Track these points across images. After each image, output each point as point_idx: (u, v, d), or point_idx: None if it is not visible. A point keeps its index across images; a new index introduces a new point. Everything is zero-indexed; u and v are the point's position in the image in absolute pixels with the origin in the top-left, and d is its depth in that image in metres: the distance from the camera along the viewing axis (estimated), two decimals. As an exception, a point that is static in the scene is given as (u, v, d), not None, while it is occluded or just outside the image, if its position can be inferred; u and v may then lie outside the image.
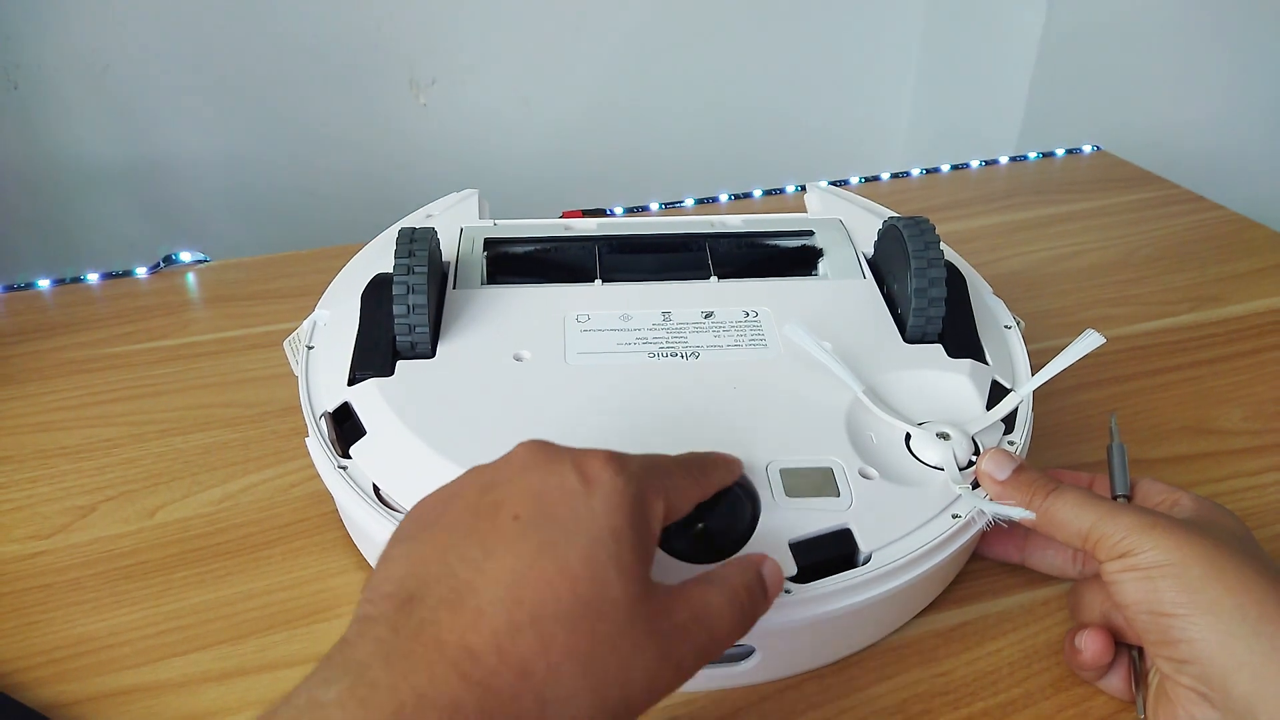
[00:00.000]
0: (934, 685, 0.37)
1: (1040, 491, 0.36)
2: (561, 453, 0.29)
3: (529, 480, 0.28)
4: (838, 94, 1.18)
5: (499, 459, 0.30)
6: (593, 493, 0.28)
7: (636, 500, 0.28)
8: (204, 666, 0.38)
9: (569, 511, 0.27)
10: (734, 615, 0.30)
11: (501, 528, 0.27)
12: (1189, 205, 0.75)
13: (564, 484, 0.28)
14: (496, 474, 0.29)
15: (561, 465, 0.29)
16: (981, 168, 0.82)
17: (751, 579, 0.31)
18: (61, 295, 0.63)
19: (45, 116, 0.91)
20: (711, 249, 0.51)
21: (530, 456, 0.29)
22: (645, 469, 0.30)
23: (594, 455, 0.29)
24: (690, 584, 0.29)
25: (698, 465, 0.33)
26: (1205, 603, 0.31)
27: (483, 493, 0.28)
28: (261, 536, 0.44)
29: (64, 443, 0.49)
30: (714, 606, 0.29)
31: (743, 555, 0.32)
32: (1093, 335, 0.39)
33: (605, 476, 0.28)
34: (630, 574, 0.27)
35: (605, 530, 0.27)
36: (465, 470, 0.30)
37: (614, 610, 0.26)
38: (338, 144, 1.02)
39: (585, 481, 0.28)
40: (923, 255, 0.44)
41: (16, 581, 0.42)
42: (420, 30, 0.99)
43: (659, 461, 0.31)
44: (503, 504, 0.28)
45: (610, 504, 0.28)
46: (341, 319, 0.46)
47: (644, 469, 0.30)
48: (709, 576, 0.30)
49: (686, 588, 0.29)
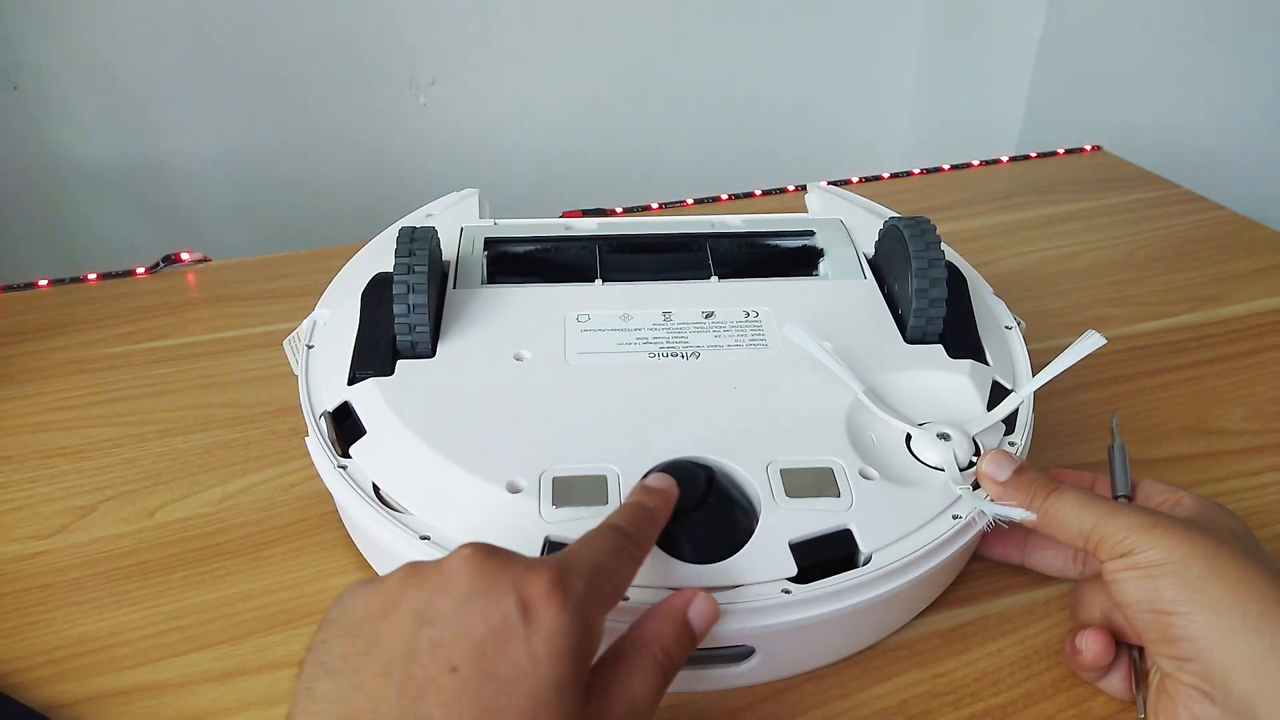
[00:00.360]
0: (934, 685, 0.37)
1: (1041, 492, 0.36)
2: (502, 576, 0.27)
3: (468, 619, 0.26)
4: (838, 94, 1.18)
5: (436, 566, 0.28)
6: (535, 635, 0.26)
7: (580, 639, 0.27)
8: (204, 666, 0.38)
9: (509, 663, 0.26)
10: (659, 686, 0.29)
11: (439, 684, 0.25)
12: (1189, 205, 0.75)
13: (505, 624, 0.26)
14: (433, 600, 0.27)
15: (501, 596, 0.27)
16: (982, 167, 0.81)
17: (677, 631, 0.30)
18: (61, 295, 0.63)
19: (45, 116, 0.91)
20: (712, 249, 0.51)
21: (469, 582, 0.27)
22: (590, 589, 0.28)
23: (537, 582, 0.27)
24: (615, 676, 0.28)
25: (636, 537, 0.32)
26: (1206, 601, 0.31)
27: (418, 625, 0.26)
28: (261, 536, 0.44)
29: (64, 443, 0.49)
30: (639, 693, 0.28)
31: (668, 601, 0.32)
32: (1093, 336, 0.39)
33: (549, 615, 0.26)
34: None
35: (548, 688, 0.26)
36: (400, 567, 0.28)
37: None
38: (338, 144, 1.02)
39: (528, 620, 0.26)
40: (923, 255, 0.44)
41: (16, 581, 0.42)
42: (420, 30, 0.99)
43: (601, 563, 0.30)
44: (439, 647, 0.26)
45: (553, 650, 0.26)
46: (341, 318, 0.46)
47: (589, 590, 0.28)
48: (631, 648, 0.29)
49: (612, 687, 0.28)
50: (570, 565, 0.28)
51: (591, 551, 0.30)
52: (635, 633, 0.30)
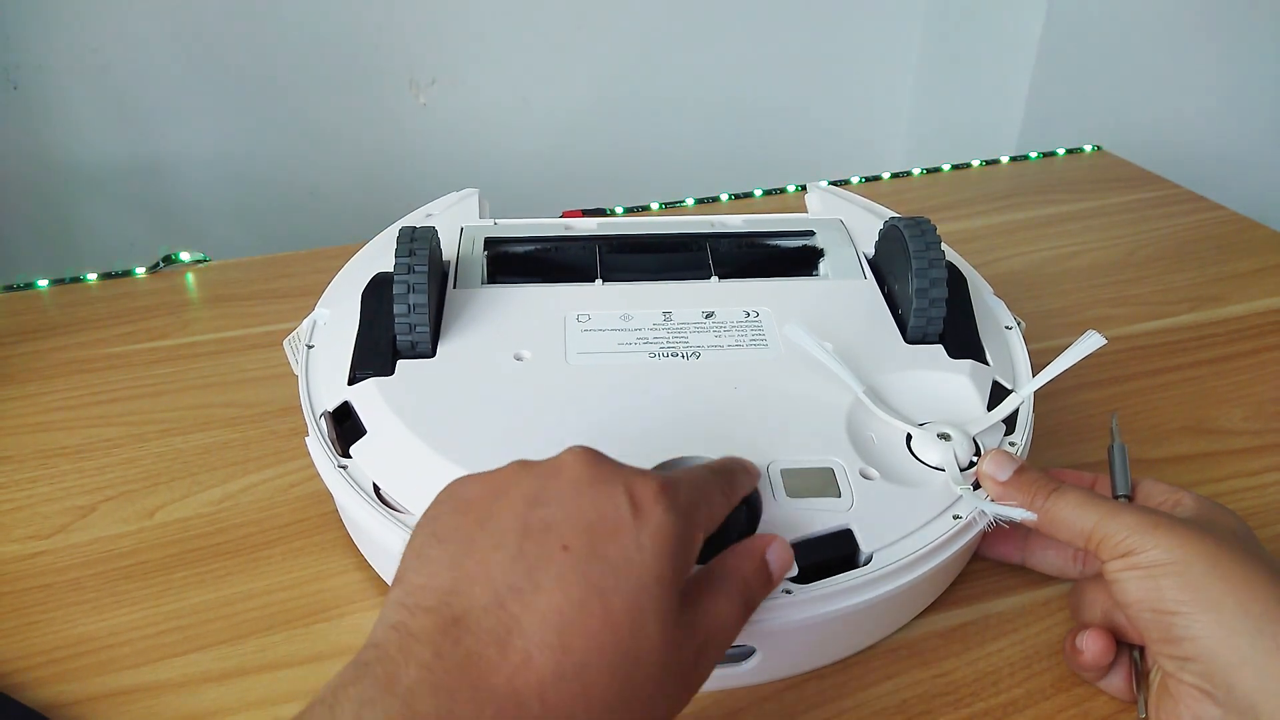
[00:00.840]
0: (935, 685, 0.37)
1: (1041, 492, 0.36)
2: (612, 473, 0.29)
3: (580, 504, 0.28)
4: (838, 94, 1.18)
5: (547, 462, 0.29)
6: (642, 528, 0.27)
7: (682, 541, 0.28)
8: (204, 667, 0.38)
9: (618, 549, 0.27)
10: (741, 615, 0.30)
11: (550, 558, 0.26)
12: (1189, 205, 0.75)
13: (615, 513, 0.27)
14: (545, 485, 0.28)
15: (614, 490, 0.28)
16: (982, 167, 0.81)
17: (757, 567, 0.31)
18: (61, 295, 0.63)
19: (45, 116, 0.91)
20: (712, 249, 0.51)
21: (582, 472, 0.29)
22: (691, 502, 0.30)
23: (647, 483, 0.28)
24: (705, 596, 0.29)
25: (729, 480, 0.33)
26: (1208, 600, 0.31)
27: (531, 506, 0.28)
28: (261, 536, 0.44)
29: (64, 443, 0.49)
30: (724, 617, 0.29)
31: (749, 540, 0.32)
32: (1094, 336, 0.39)
33: (656, 511, 0.28)
34: (667, 620, 0.27)
35: (651, 577, 0.27)
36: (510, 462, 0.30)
37: (650, 658, 0.26)
38: (338, 144, 1.02)
39: (636, 514, 0.28)
40: (924, 255, 0.44)
41: (16, 581, 0.42)
42: (420, 30, 0.99)
43: (702, 485, 0.31)
44: (552, 528, 0.27)
45: (658, 546, 0.27)
46: (342, 318, 0.46)
47: (690, 502, 0.29)
48: (716, 576, 0.30)
49: (703, 605, 0.29)
50: (675, 480, 0.30)
51: (695, 477, 0.31)
52: (719, 564, 0.31)
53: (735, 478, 0.34)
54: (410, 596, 0.26)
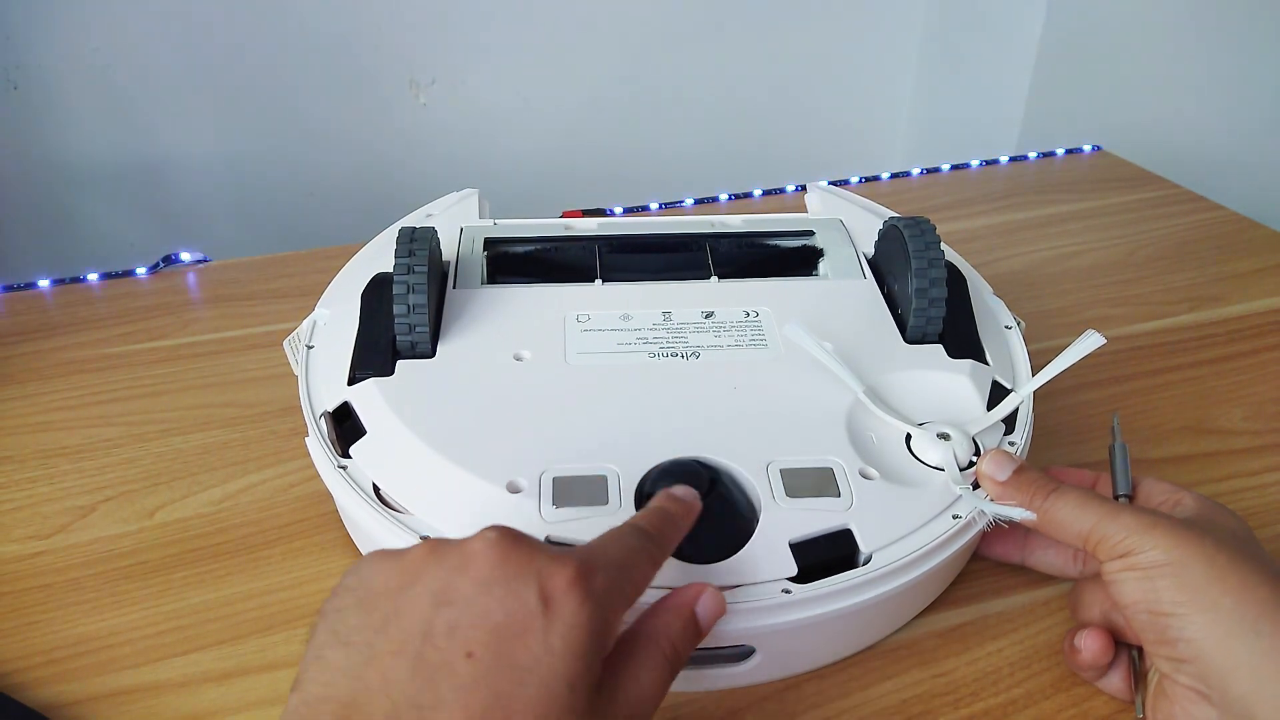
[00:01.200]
0: (934, 685, 0.37)
1: (1040, 492, 0.36)
2: (525, 564, 0.27)
3: (487, 604, 0.26)
4: (838, 94, 1.18)
5: (458, 548, 0.28)
6: (552, 628, 0.26)
7: (597, 635, 0.27)
8: (204, 666, 0.38)
9: (526, 654, 0.25)
10: (666, 680, 0.29)
11: (453, 668, 0.25)
12: (1189, 205, 0.75)
13: (523, 613, 0.26)
14: (453, 580, 0.27)
15: (524, 586, 0.26)
16: (981, 167, 0.82)
17: (684, 624, 0.30)
18: (62, 295, 0.63)
19: (45, 116, 0.91)
20: (712, 249, 0.51)
21: (492, 567, 0.27)
22: (610, 584, 0.28)
23: (561, 572, 0.27)
24: (625, 672, 0.28)
25: (659, 542, 0.32)
26: (1204, 602, 0.31)
27: (436, 605, 0.26)
28: (261, 536, 0.44)
29: (64, 443, 0.49)
30: (647, 687, 0.28)
31: (675, 595, 0.31)
32: (1093, 336, 0.39)
33: (569, 606, 0.26)
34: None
35: (561, 681, 0.25)
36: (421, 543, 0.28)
37: None
38: (338, 144, 1.02)
39: (547, 612, 0.26)
40: (923, 255, 0.44)
41: (16, 581, 0.42)
42: (420, 30, 0.99)
43: (624, 561, 0.30)
44: (456, 631, 0.26)
45: (569, 644, 0.26)
46: (341, 318, 0.46)
47: (609, 586, 0.28)
48: (639, 642, 0.29)
49: (621, 681, 0.28)
50: (593, 560, 0.28)
51: (615, 549, 0.30)
52: (642, 626, 0.30)
53: (665, 536, 0.32)
54: (308, 708, 0.25)
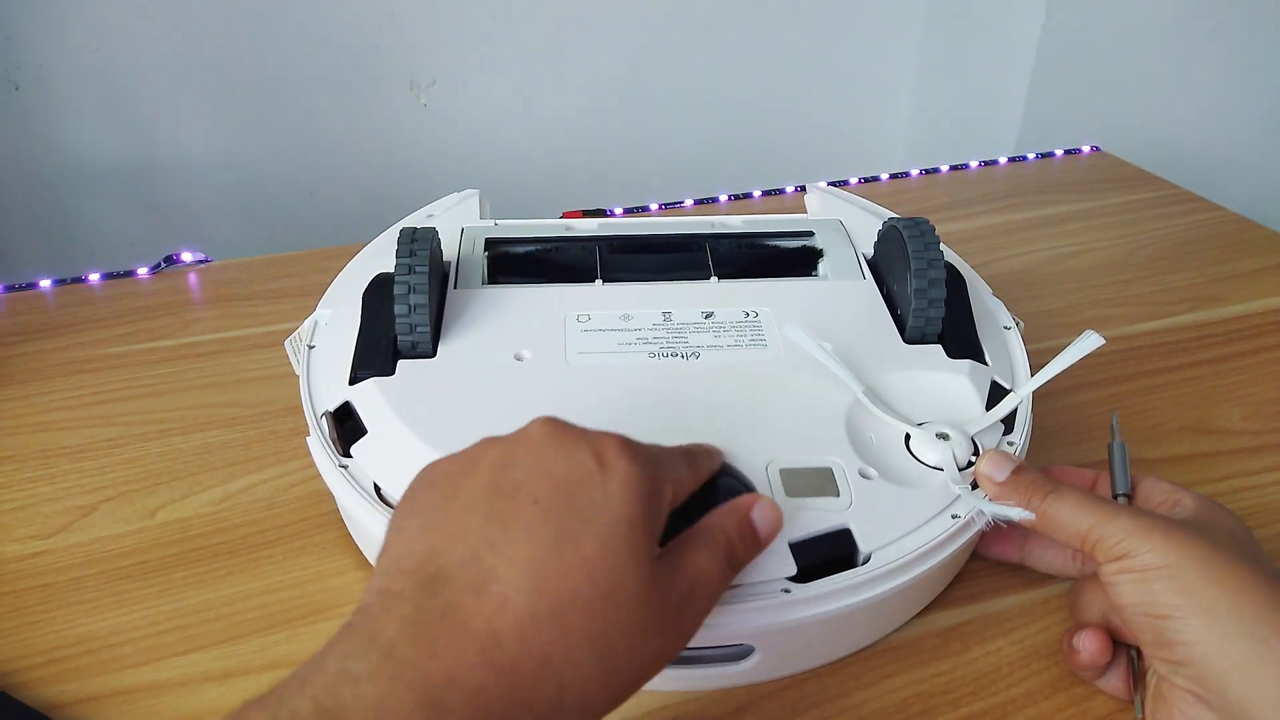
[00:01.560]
0: (934, 685, 0.37)
1: (1039, 492, 0.36)
2: (577, 435, 0.30)
3: (546, 463, 0.29)
4: (838, 94, 1.18)
5: (513, 434, 0.30)
6: (609, 479, 0.28)
7: (649, 487, 0.29)
8: (204, 666, 0.38)
9: (586, 499, 0.28)
10: (724, 568, 0.31)
11: (521, 512, 0.27)
12: (1189, 205, 0.75)
13: (581, 469, 0.28)
14: (512, 452, 0.29)
15: (578, 448, 0.29)
16: (981, 168, 0.82)
17: (740, 523, 0.32)
18: (62, 295, 0.63)
19: (46, 116, 0.91)
20: (712, 249, 0.51)
21: (546, 437, 0.30)
22: (654, 458, 0.30)
23: (609, 440, 0.30)
24: (685, 549, 0.30)
25: (692, 456, 0.34)
26: (1201, 605, 0.31)
27: (500, 470, 0.29)
28: (261, 536, 0.44)
29: (65, 442, 0.49)
30: (705, 569, 0.30)
31: (734, 499, 0.33)
32: (1092, 336, 0.39)
33: (621, 463, 0.29)
34: (642, 561, 0.27)
35: (621, 519, 0.28)
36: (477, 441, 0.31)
37: (627, 598, 0.27)
38: (338, 144, 1.02)
39: (601, 467, 0.28)
40: (922, 256, 0.44)
41: (17, 581, 0.42)
42: (420, 31, 0.99)
43: (664, 451, 0.32)
44: (521, 486, 0.28)
45: (626, 491, 0.28)
46: (343, 318, 0.46)
47: (653, 458, 0.30)
48: (697, 532, 0.31)
49: (683, 556, 0.30)
50: (638, 442, 0.31)
51: (655, 447, 0.32)
52: (703, 523, 0.32)
53: (698, 454, 0.35)
54: (391, 563, 0.27)
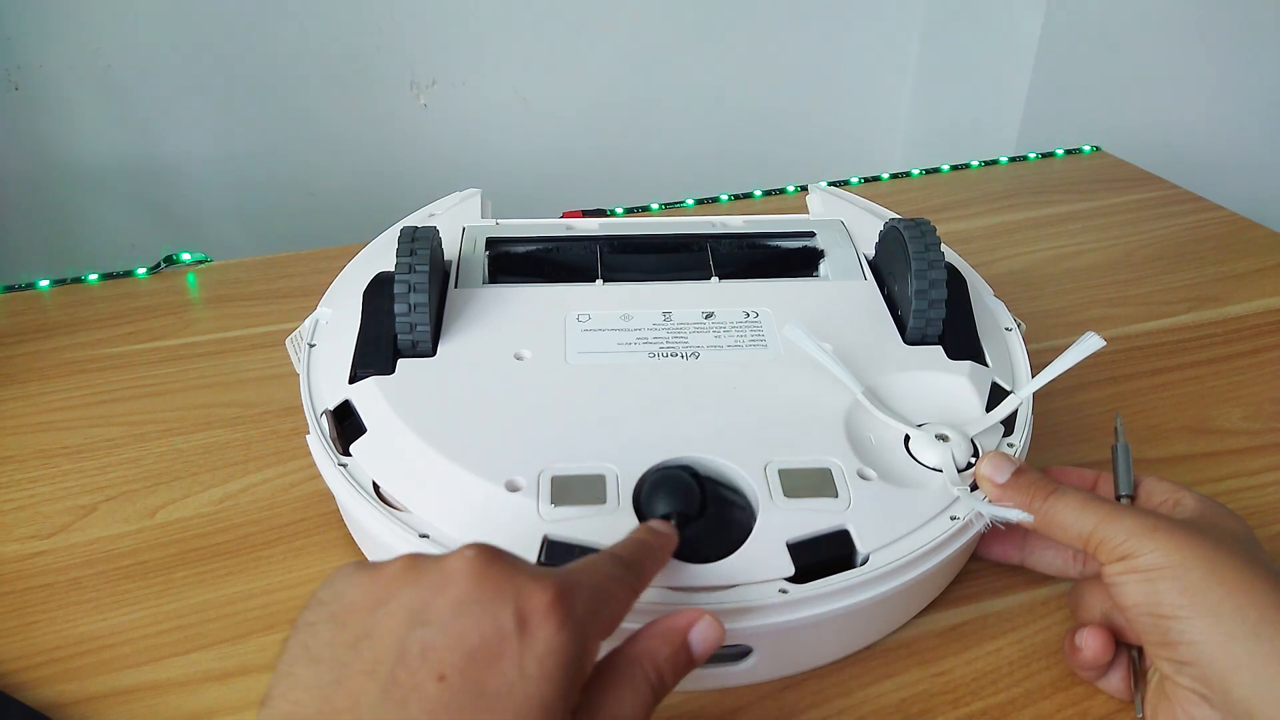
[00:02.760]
0: (933, 685, 0.37)
1: (1040, 494, 0.36)
2: (503, 585, 0.26)
3: (462, 626, 0.26)
4: (838, 94, 1.18)
5: (437, 565, 0.27)
6: (528, 652, 0.25)
7: (574, 660, 0.26)
8: (205, 666, 0.38)
9: (499, 681, 0.25)
10: (648, 706, 0.28)
11: (424, 691, 0.24)
12: (1189, 205, 0.75)
13: (498, 636, 0.25)
14: (429, 599, 0.26)
15: (501, 607, 0.26)
16: (981, 168, 0.82)
17: (675, 652, 0.30)
18: (62, 295, 0.63)
19: (46, 117, 0.91)
20: (713, 249, 0.51)
21: (469, 587, 0.26)
22: (589, 610, 0.27)
23: (539, 596, 0.26)
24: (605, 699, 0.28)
25: (637, 571, 0.31)
26: (1205, 605, 0.31)
27: (411, 625, 0.26)
28: (262, 536, 0.44)
29: (65, 442, 0.50)
30: (628, 712, 0.28)
31: (670, 619, 0.31)
32: (1093, 338, 0.39)
33: (546, 632, 0.26)
34: None
35: (534, 707, 0.25)
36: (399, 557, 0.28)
37: None
38: (338, 145, 1.02)
39: (523, 635, 0.26)
40: (923, 257, 0.44)
41: (17, 581, 0.42)
42: (420, 31, 0.99)
43: (604, 586, 0.29)
44: (429, 653, 0.25)
45: (545, 670, 0.25)
46: (343, 317, 0.46)
47: (588, 611, 0.27)
48: (623, 665, 0.29)
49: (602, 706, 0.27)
50: (573, 583, 0.28)
51: (594, 575, 0.29)
52: (630, 648, 0.30)
53: (643, 566, 0.32)
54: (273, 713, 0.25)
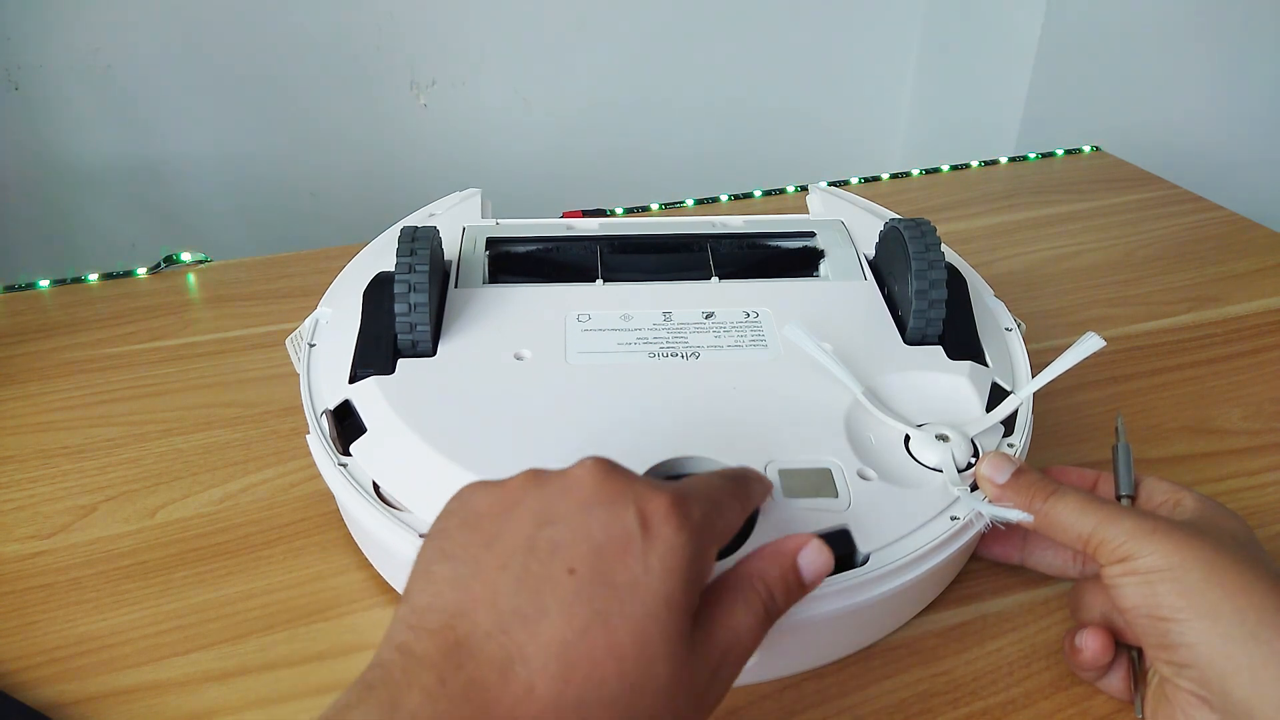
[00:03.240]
0: (933, 685, 0.37)
1: (1040, 494, 0.35)
2: (624, 488, 0.28)
3: (588, 524, 0.27)
4: (838, 94, 1.18)
5: (559, 474, 0.29)
6: (651, 549, 0.27)
7: (694, 561, 0.27)
8: (205, 666, 0.38)
9: (625, 572, 0.26)
10: (761, 626, 0.29)
11: (556, 581, 0.26)
12: (1189, 205, 0.75)
13: (623, 533, 0.27)
14: (554, 503, 0.28)
15: (623, 508, 0.27)
16: (981, 168, 0.82)
17: (784, 572, 0.30)
18: (62, 295, 0.63)
19: (46, 116, 0.91)
20: (713, 249, 0.51)
21: (593, 491, 0.28)
22: (704, 517, 0.29)
23: (658, 500, 0.28)
24: (719, 610, 0.29)
25: (744, 489, 0.33)
26: (1204, 607, 0.31)
27: (539, 524, 0.27)
28: (262, 536, 0.44)
29: (65, 442, 0.50)
30: (740, 630, 0.29)
31: (780, 541, 0.31)
32: (1093, 338, 0.39)
33: (667, 531, 0.27)
34: (676, 647, 0.26)
35: (659, 600, 0.26)
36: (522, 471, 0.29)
37: (657, 687, 0.26)
38: (338, 145, 1.02)
39: (646, 534, 0.27)
40: (923, 257, 0.44)
41: (17, 581, 0.42)
42: (420, 31, 0.99)
43: (716, 497, 0.30)
44: (559, 548, 0.27)
45: (667, 566, 0.27)
46: (344, 317, 0.46)
47: (704, 518, 0.29)
48: (735, 582, 0.30)
49: (716, 620, 0.28)
50: (689, 493, 0.29)
51: (708, 487, 0.31)
52: (742, 568, 0.30)
53: (750, 487, 0.33)
54: (416, 616, 0.26)
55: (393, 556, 0.37)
